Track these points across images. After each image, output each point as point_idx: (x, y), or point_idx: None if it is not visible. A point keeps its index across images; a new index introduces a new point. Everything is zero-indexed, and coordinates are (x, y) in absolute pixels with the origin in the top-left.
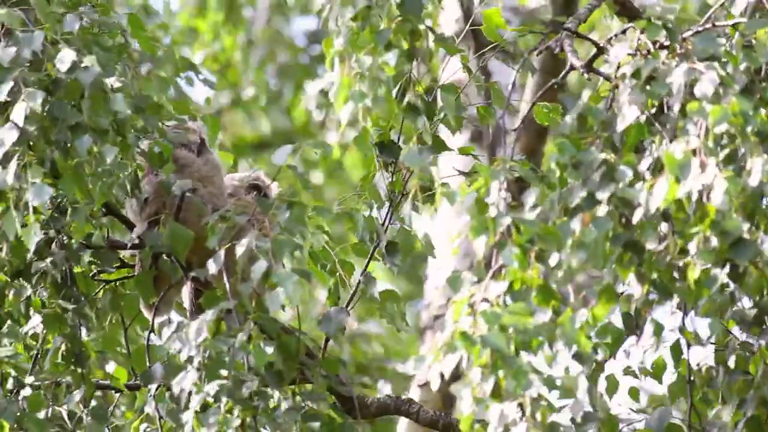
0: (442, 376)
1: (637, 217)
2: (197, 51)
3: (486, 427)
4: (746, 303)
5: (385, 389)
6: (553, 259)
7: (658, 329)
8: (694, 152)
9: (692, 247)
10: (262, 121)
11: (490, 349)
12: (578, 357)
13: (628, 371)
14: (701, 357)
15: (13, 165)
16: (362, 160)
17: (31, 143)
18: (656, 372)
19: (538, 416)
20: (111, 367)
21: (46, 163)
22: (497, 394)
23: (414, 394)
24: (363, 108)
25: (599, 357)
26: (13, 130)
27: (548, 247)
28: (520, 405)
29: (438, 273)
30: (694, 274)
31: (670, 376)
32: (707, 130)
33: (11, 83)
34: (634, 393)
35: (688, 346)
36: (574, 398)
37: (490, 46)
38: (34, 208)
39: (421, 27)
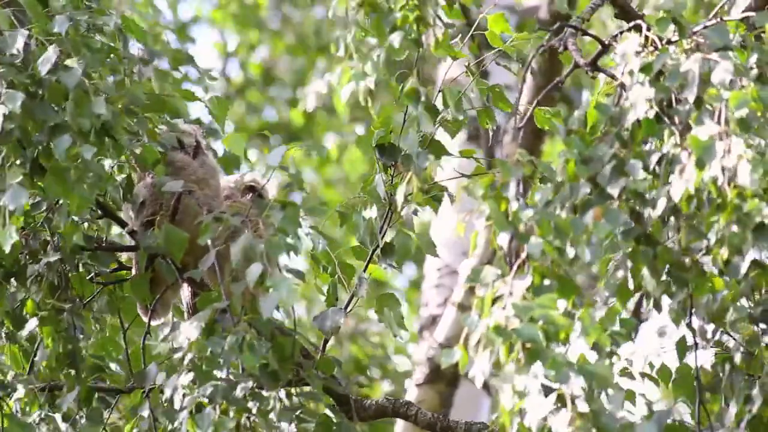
0: (441, 373)
1: (659, 210)
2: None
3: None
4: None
5: (385, 387)
6: (570, 253)
7: (678, 317)
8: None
9: (711, 236)
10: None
11: (521, 342)
12: (596, 349)
13: (624, 372)
14: (702, 356)
15: None
16: (362, 159)
17: (10, 144)
18: (662, 377)
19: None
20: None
21: (26, 164)
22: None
23: (411, 393)
24: (365, 89)
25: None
26: None
27: (563, 242)
28: (560, 396)
29: (435, 272)
30: (719, 262)
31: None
32: (726, 116)
33: None
34: (630, 396)
35: (695, 344)
36: (609, 386)
37: (491, 47)
38: (11, 212)
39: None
